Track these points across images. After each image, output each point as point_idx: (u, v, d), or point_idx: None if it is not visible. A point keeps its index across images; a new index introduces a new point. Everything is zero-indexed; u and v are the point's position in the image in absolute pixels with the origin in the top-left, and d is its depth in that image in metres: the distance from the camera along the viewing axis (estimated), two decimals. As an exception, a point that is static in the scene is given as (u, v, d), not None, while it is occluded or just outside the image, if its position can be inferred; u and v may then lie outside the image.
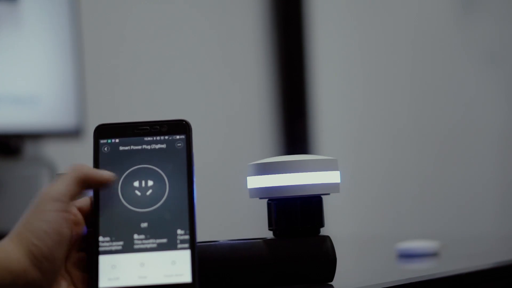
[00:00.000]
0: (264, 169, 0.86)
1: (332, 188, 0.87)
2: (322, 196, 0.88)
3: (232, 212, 2.50)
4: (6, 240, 0.71)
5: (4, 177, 1.97)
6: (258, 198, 0.89)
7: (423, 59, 2.97)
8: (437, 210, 2.93)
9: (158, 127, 0.77)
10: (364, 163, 2.86)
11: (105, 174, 0.75)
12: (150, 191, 0.76)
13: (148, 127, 0.77)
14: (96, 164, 0.76)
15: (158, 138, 0.77)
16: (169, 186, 0.76)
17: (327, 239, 0.86)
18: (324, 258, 0.85)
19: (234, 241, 0.85)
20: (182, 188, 0.75)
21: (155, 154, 0.76)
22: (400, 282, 0.88)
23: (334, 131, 2.83)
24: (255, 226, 2.42)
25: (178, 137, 0.77)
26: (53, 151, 2.10)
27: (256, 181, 0.87)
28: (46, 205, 0.72)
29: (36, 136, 2.01)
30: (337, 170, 0.88)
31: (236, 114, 2.60)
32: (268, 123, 2.73)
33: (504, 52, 3.09)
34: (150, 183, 0.76)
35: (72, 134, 1.98)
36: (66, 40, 1.98)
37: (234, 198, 2.14)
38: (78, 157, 2.15)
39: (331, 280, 0.86)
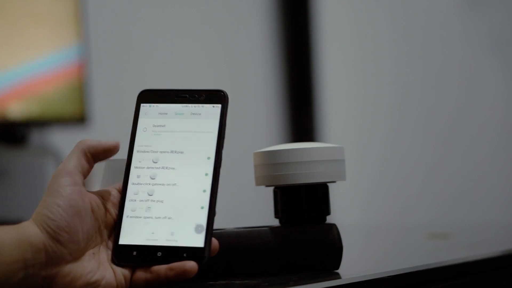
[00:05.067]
0: (271, 157, 0.86)
1: (338, 176, 0.87)
2: (328, 184, 0.88)
3: (238, 200, 2.50)
4: (25, 221, 0.73)
5: (10, 165, 1.97)
6: (264, 186, 0.88)
7: (429, 47, 2.97)
8: (444, 198, 2.93)
9: (196, 95, 0.81)
10: (370, 151, 2.86)
11: (109, 142, 0.78)
12: (182, 157, 0.79)
13: (187, 95, 0.81)
14: (135, 126, 0.80)
15: (195, 105, 0.80)
16: (198, 152, 0.79)
17: (333, 227, 0.86)
18: (330, 246, 0.85)
19: (240, 229, 0.85)
20: (209, 154, 0.79)
21: (190, 125, 0.80)
22: (406, 270, 0.88)
23: (340, 119, 2.83)
24: (261, 214, 2.42)
25: (214, 106, 0.80)
26: (58, 139, 2.10)
27: (263, 169, 0.87)
28: (58, 181, 0.74)
29: (42, 124, 2.01)
30: (343, 158, 0.87)
31: (242, 103, 2.60)
32: (275, 111, 2.73)
33: (509, 40, 3.08)
34: (181, 156, 0.79)
35: (78, 122, 1.99)
36: (73, 28, 1.98)
37: (241, 186, 2.14)
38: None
39: (338, 268, 0.86)
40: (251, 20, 2.69)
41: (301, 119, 2.75)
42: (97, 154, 0.77)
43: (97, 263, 0.74)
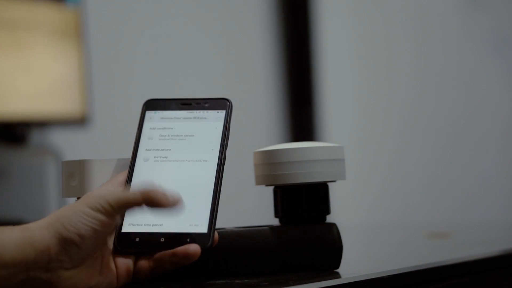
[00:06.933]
0: (270, 157, 0.86)
1: (338, 175, 0.87)
2: (328, 184, 0.88)
3: (238, 200, 2.50)
4: (35, 222, 0.72)
5: (10, 165, 1.97)
6: (264, 185, 0.88)
7: (429, 47, 2.97)
8: (444, 198, 2.93)
9: (201, 103, 0.83)
10: (370, 150, 2.86)
11: (170, 197, 0.74)
12: (184, 152, 0.80)
13: (192, 103, 0.83)
14: (139, 133, 0.81)
15: (200, 111, 0.82)
16: (203, 147, 0.80)
17: (333, 226, 0.86)
18: (330, 245, 0.85)
19: (240, 228, 0.85)
20: (214, 150, 0.80)
21: (195, 127, 0.81)
22: (406, 269, 0.88)
23: (340, 119, 2.83)
24: (261, 213, 2.42)
25: (218, 111, 0.82)
26: (58, 139, 2.10)
27: (262, 169, 0.87)
28: (95, 201, 0.72)
29: (42, 124, 2.01)
30: (343, 157, 0.87)
31: (242, 102, 2.60)
32: (275, 111, 2.73)
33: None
34: (185, 152, 0.80)
35: (78, 121, 1.99)
36: (73, 29, 1.98)
37: (241, 186, 2.14)
38: (84, 145, 2.15)
39: (337, 267, 0.86)
40: (251, 20, 2.69)
41: (301, 118, 2.75)
42: (152, 205, 0.74)
43: (99, 265, 0.74)
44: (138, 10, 2.40)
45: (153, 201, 0.73)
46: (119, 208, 0.72)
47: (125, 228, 0.77)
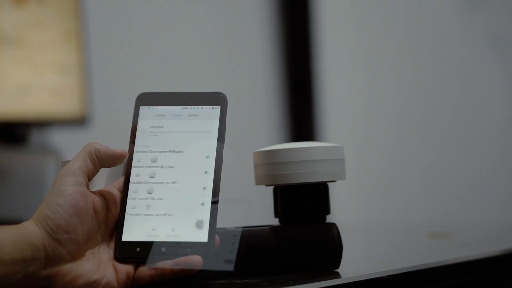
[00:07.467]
0: (270, 157, 0.86)
1: (338, 175, 0.87)
2: (328, 183, 0.88)
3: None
4: (26, 221, 0.74)
5: (10, 165, 1.97)
6: (264, 185, 0.88)
7: (429, 47, 2.96)
8: (444, 198, 2.93)
9: (195, 97, 0.81)
10: (370, 150, 2.86)
11: (117, 150, 0.78)
12: (181, 156, 0.79)
13: (186, 97, 0.81)
14: (134, 129, 0.80)
15: (194, 107, 0.81)
16: (197, 151, 0.79)
17: (333, 226, 0.86)
18: (330, 245, 0.85)
19: (240, 228, 0.85)
20: (209, 153, 0.79)
21: (190, 125, 0.80)
22: (406, 269, 0.88)
23: (340, 119, 2.83)
24: (261, 213, 2.42)
25: (213, 108, 0.80)
26: (58, 139, 2.10)
27: (262, 169, 0.87)
28: (61, 181, 0.75)
29: (42, 124, 2.01)
30: (343, 157, 0.87)
31: (242, 102, 2.60)
32: (275, 111, 2.73)
33: (509, 39, 3.08)
34: (180, 147, 0.80)
35: (78, 121, 1.99)
36: (73, 28, 1.98)
37: (240, 186, 2.14)
38: (84, 145, 2.15)
39: (337, 267, 0.86)
40: (251, 19, 2.69)
41: (301, 118, 2.75)
42: (103, 159, 0.77)
43: (96, 263, 0.74)
44: (138, 9, 2.40)
45: (98, 148, 0.77)
46: (87, 168, 0.76)
47: (126, 237, 0.77)
